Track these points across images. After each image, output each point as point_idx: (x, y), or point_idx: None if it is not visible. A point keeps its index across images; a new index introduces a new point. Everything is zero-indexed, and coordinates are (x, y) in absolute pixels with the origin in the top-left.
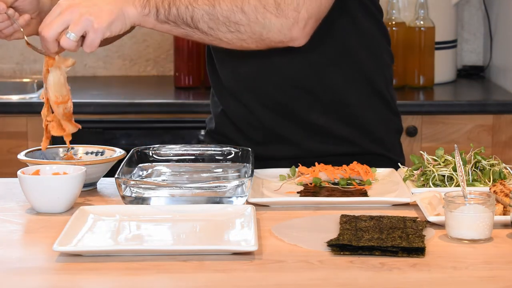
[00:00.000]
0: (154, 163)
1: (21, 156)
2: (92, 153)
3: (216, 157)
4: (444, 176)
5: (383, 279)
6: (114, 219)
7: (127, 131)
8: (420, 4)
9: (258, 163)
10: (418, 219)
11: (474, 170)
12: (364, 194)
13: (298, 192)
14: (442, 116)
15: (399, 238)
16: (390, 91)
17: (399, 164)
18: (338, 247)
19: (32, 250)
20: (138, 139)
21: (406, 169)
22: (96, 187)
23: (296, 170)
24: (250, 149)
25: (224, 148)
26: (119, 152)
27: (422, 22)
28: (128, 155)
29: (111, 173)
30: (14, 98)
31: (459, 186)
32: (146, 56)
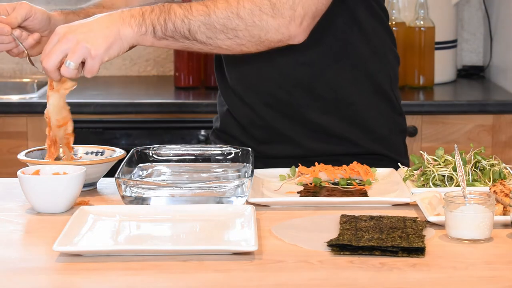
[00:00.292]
0: (154, 163)
1: (21, 156)
2: (92, 153)
3: (216, 157)
4: (444, 176)
5: (383, 279)
6: (114, 219)
7: (127, 131)
8: (420, 4)
9: (262, 162)
10: (418, 219)
11: (474, 170)
12: (364, 194)
13: (298, 192)
14: (442, 116)
15: (399, 238)
16: (394, 91)
17: (399, 164)
18: (338, 247)
19: (32, 250)
20: (138, 139)
21: (406, 169)
22: (96, 187)
23: (296, 170)
24: (250, 149)
25: (224, 148)
26: (119, 152)
27: (422, 22)
28: (128, 155)
29: (111, 173)
30: (14, 98)
31: (459, 186)
32: (146, 56)
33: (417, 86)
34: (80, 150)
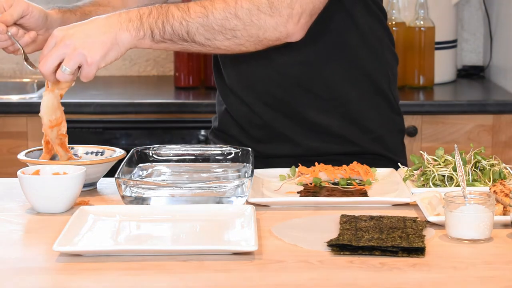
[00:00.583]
0: (154, 163)
1: (21, 156)
2: (92, 153)
3: (216, 157)
4: (444, 176)
5: (383, 279)
6: (114, 219)
7: (127, 131)
8: (420, 4)
9: (260, 161)
10: (418, 219)
11: (474, 170)
12: (364, 194)
13: (298, 192)
14: (442, 116)
15: (399, 238)
16: (393, 91)
17: (399, 164)
18: (338, 247)
19: (32, 250)
20: (138, 139)
21: (406, 169)
22: (96, 187)
23: (296, 170)
24: (250, 149)
25: (224, 148)
26: (119, 152)
27: (422, 22)
28: (128, 155)
29: (111, 173)
30: (14, 98)
31: (459, 186)
32: (146, 56)
33: (417, 86)
34: (80, 150)
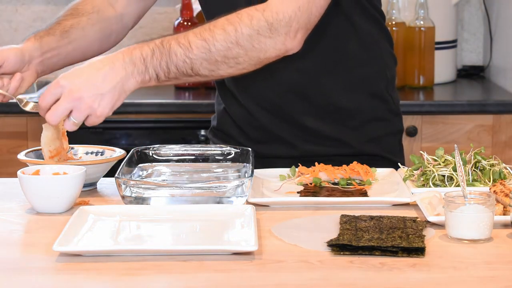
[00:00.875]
0: (154, 163)
1: (21, 156)
2: (92, 153)
3: (216, 157)
4: (444, 176)
5: (383, 279)
6: (114, 219)
7: (127, 131)
8: (420, 4)
9: (258, 161)
10: (418, 219)
11: (474, 170)
12: (364, 194)
13: (298, 192)
14: (442, 116)
15: (399, 238)
16: (390, 92)
17: (399, 164)
18: (338, 247)
19: (32, 250)
20: (138, 139)
21: (406, 169)
22: (96, 187)
23: (296, 170)
24: (250, 149)
25: (224, 148)
26: (119, 152)
27: (422, 22)
28: (128, 155)
29: (111, 173)
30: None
31: (459, 186)
32: None
33: (417, 86)
34: (80, 150)
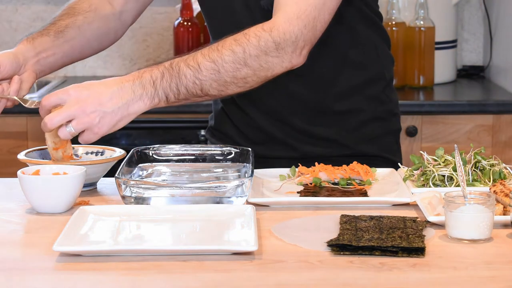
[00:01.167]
0: (154, 163)
1: (21, 156)
2: (92, 153)
3: (216, 157)
4: (444, 176)
5: (383, 279)
6: (114, 219)
7: (127, 131)
8: (420, 4)
9: (255, 161)
10: (418, 219)
11: (474, 170)
12: (364, 194)
13: (298, 192)
14: (442, 116)
15: (399, 238)
16: (388, 93)
17: (399, 164)
18: (338, 247)
19: (32, 250)
20: (138, 139)
21: (406, 169)
22: (96, 187)
23: (296, 170)
24: (250, 149)
25: (224, 148)
26: (119, 152)
27: (422, 22)
28: (128, 155)
29: (111, 173)
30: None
31: (459, 186)
32: (146, 56)
33: (417, 86)
34: (80, 150)
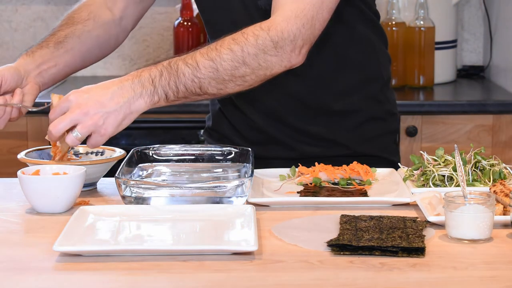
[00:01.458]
0: (154, 163)
1: (21, 156)
2: (92, 153)
3: (216, 157)
4: (444, 176)
5: (383, 279)
6: (114, 219)
7: (127, 131)
8: (420, 4)
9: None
10: (418, 219)
11: (474, 170)
12: (364, 194)
13: (298, 192)
14: (442, 116)
15: (399, 238)
16: (385, 92)
17: (399, 164)
18: (338, 247)
19: (32, 250)
20: (138, 139)
21: (406, 169)
22: (96, 187)
23: (296, 170)
24: (250, 149)
25: (224, 148)
26: (119, 152)
27: (422, 22)
28: (128, 155)
29: (111, 173)
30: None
31: (459, 186)
32: (146, 56)
33: (417, 86)
34: (80, 150)
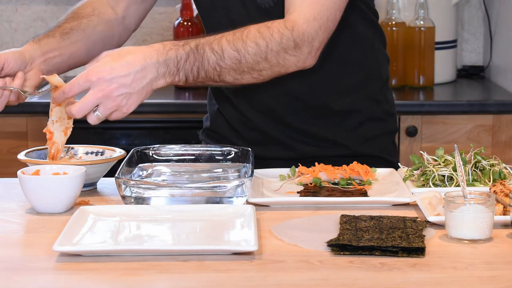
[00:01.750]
0: (154, 163)
1: (21, 156)
2: (92, 153)
3: (216, 157)
4: (444, 176)
5: (383, 279)
6: (114, 219)
7: (127, 131)
8: (420, 4)
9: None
10: (418, 219)
11: (474, 170)
12: (364, 194)
13: (298, 192)
14: (442, 116)
15: (399, 238)
16: (384, 92)
17: (399, 164)
18: (338, 247)
19: (32, 250)
20: (138, 139)
21: (406, 169)
22: (96, 187)
23: (296, 170)
24: (250, 149)
25: (224, 148)
26: (119, 152)
27: (422, 22)
28: (128, 155)
29: (111, 173)
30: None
31: (459, 186)
32: None
33: (417, 86)
34: (80, 150)
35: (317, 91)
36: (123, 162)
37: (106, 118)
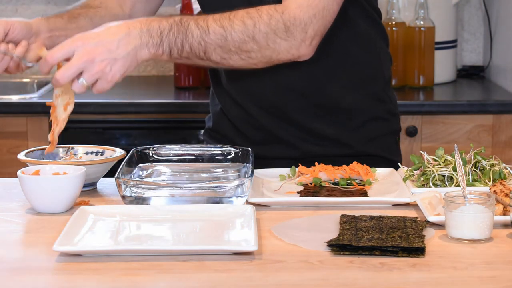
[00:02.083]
0: (154, 163)
1: (21, 156)
2: (92, 153)
3: (216, 157)
4: (444, 176)
5: (383, 279)
6: (114, 219)
7: (127, 131)
8: (420, 4)
9: (256, 162)
10: (418, 219)
11: (474, 170)
12: (364, 194)
13: (298, 192)
14: (442, 116)
15: (399, 238)
16: (387, 92)
17: (399, 164)
18: (338, 247)
19: (32, 250)
20: (138, 139)
21: (406, 169)
22: (96, 187)
23: (296, 170)
24: (250, 149)
25: (224, 148)
26: (119, 152)
27: (422, 22)
28: (128, 155)
29: (111, 173)
30: (14, 98)
31: (459, 186)
32: None
33: (417, 86)
34: (80, 150)
35: (321, 88)
36: (123, 162)
37: (90, 86)
